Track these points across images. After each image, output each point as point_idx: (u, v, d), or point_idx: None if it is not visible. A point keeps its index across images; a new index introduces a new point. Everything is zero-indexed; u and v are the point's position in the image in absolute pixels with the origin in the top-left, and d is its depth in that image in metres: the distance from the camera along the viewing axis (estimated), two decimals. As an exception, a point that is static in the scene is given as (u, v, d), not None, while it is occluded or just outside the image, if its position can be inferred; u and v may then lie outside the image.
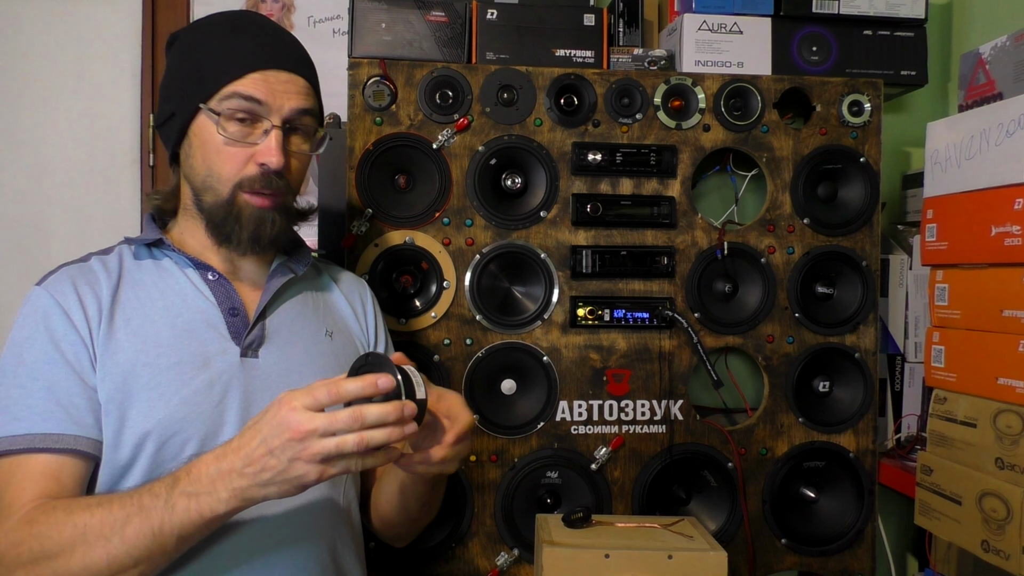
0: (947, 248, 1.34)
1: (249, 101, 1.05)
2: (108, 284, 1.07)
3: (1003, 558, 1.17)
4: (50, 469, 0.98)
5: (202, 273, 1.11)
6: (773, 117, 1.60)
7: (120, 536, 0.91)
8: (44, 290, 1.05)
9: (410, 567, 1.49)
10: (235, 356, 1.08)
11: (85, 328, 1.03)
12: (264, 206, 1.08)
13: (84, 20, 1.75)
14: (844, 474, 1.61)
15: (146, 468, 1.02)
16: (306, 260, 1.19)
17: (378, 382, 0.89)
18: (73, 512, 0.93)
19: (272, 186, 1.07)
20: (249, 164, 1.07)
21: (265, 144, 1.06)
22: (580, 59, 1.56)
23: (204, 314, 1.09)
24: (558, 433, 1.54)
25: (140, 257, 1.12)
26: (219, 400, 1.05)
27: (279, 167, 1.06)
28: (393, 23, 1.52)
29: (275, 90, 1.06)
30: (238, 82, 1.05)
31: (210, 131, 1.06)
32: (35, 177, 1.74)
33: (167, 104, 1.11)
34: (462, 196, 1.52)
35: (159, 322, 1.06)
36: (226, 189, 1.07)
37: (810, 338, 1.61)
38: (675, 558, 1.14)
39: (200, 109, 1.06)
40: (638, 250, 1.56)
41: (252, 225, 1.08)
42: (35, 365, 1.01)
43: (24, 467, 0.98)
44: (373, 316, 1.28)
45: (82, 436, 1.00)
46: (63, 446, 0.99)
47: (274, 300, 1.14)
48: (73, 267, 1.09)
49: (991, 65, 1.47)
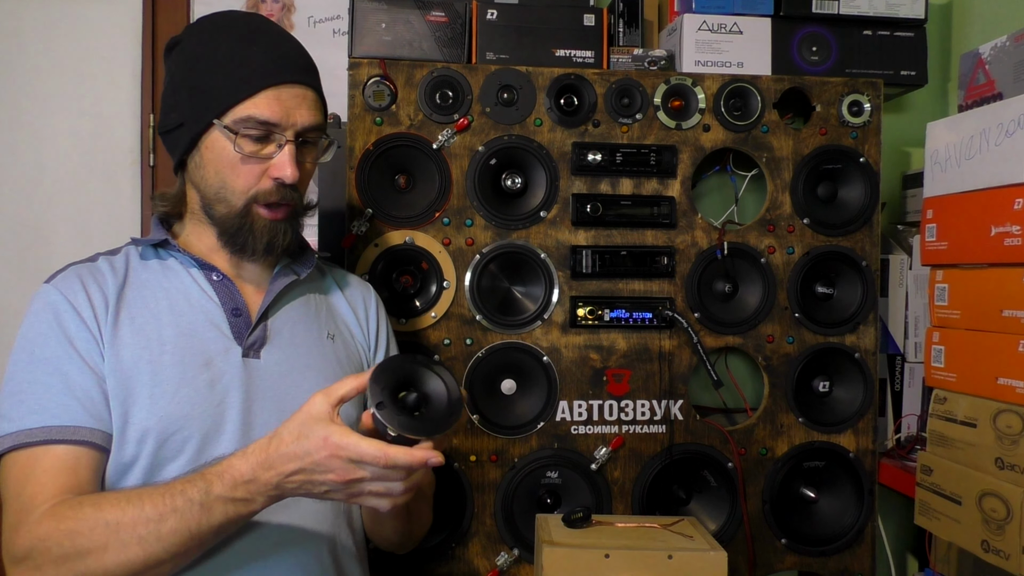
0: (947, 248, 1.34)
1: (264, 124, 1.06)
2: (114, 283, 1.08)
3: (1003, 558, 1.17)
4: (68, 462, 0.99)
5: (206, 273, 1.12)
6: (773, 117, 1.60)
7: (156, 535, 0.93)
8: (54, 287, 1.06)
9: (410, 567, 1.49)
10: (237, 356, 1.09)
11: (94, 323, 1.04)
12: (277, 218, 1.10)
13: (84, 20, 1.75)
14: (844, 474, 1.61)
15: (146, 466, 1.03)
16: (310, 263, 1.19)
17: (429, 460, 0.92)
18: (102, 508, 0.94)
19: (286, 199, 1.09)
20: (263, 178, 1.08)
21: (279, 159, 1.07)
22: (580, 59, 1.56)
23: (207, 314, 1.10)
24: (558, 433, 1.54)
25: (146, 257, 1.13)
26: (220, 400, 1.06)
27: (293, 181, 1.07)
28: (393, 23, 1.52)
29: (288, 106, 1.07)
30: (251, 101, 1.05)
31: (223, 146, 1.06)
32: (35, 177, 1.74)
33: (173, 113, 1.10)
34: (462, 196, 1.52)
35: (163, 321, 1.07)
36: (240, 202, 1.08)
37: (810, 338, 1.61)
38: (675, 558, 1.14)
39: (213, 125, 1.06)
40: (638, 250, 1.56)
41: (266, 236, 1.09)
42: (50, 360, 1.02)
43: (43, 460, 0.98)
44: (376, 320, 1.28)
45: (97, 429, 1.01)
46: (80, 438, 1.00)
47: (276, 301, 1.15)
48: (81, 266, 1.10)
49: (991, 65, 1.47)
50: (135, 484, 1.02)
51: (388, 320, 1.32)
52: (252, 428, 1.08)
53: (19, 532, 0.96)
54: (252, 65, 1.06)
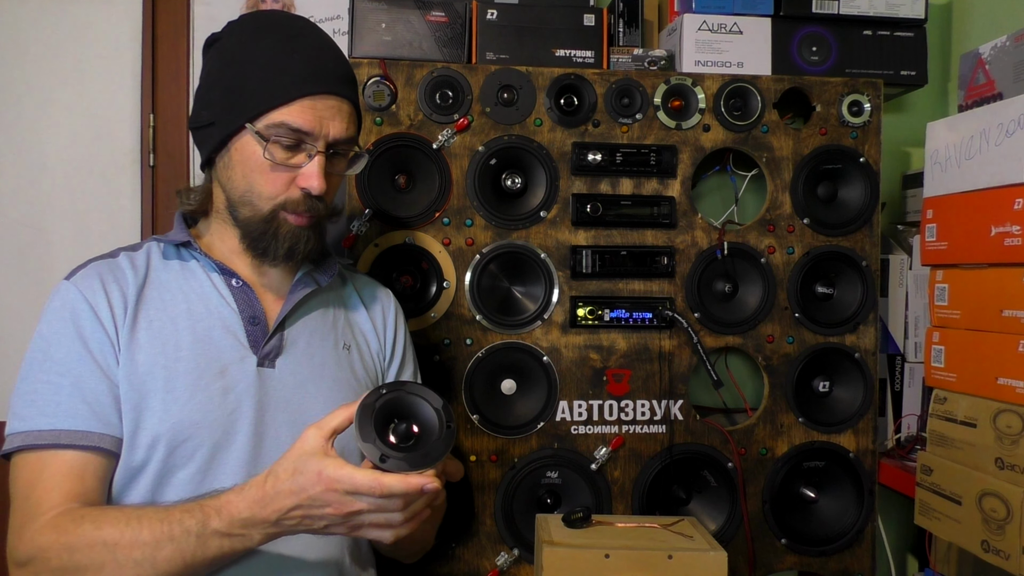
0: (947, 248, 1.34)
1: (296, 132, 1.05)
2: (135, 282, 1.08)
3: (1003, 558, 1.17)
4: (75, 468, 0.99)
5: (227, 279, 1.12)
6: (773, 117, 1.60)
7: (152, 562, 0.94)
8: (73, 285, 1.05)
9: (410, 567, 1.49)
10: (252, 365, 1.08)
11: (111, 325, 1.04)
12: (302, 225, 1.09)
13: (84, 20, 1.75)
14: (844, 474, 1.61)
15: (157, 471, 1.02)
16: (331, 271, 1.18)
17: (424, 487, 0.92)
18: (102, 527, 0.95)
19: (312, 209, 1.08)
20: (292, 187, 1.07)
21: (308, 169, 1.06)
22: (580, 59, 1.56)
23: (225, 321, 1.09)
24: (558, 433, 1.54)
25: (168, 257, 1.12)
26: (233, 408, 1.06)
27: (320, 193, 1.06)
28: (393, 23, 1.52)
29: (322, 117, 1.05)
30: (286, 109, 1.04)
31: (253, 150, 1.05)
32: (35, 177, 1.74)
33: (206, 110, 1.09)
34: (462, 196, 1.52)
35: (180, 326, 1.07)
36: (267, 207, 1.07)
37: (810, 338, 1.61)
38: (675, 558, 1.14)
39: (245, 128, 1.05)
40: (638, 250, 1.56)
41: (289, 242, 1.09)
42: (63, 361, 1.02)
43: (51, 465, 0.99)
44: (394, 329, 1.27)
45: (107, 434, 1.01)
46: (88, 443, 1.00)
47: (295, 311, 1.14)
48: (101, 263, 1.09)
49: (991, 65, 1.47)
50: (144, 490, 1.03)
51: (407, 330, 1.31)
52: (264, 438, 1.07)
53: (22, 537, 0.96)
54: (290, 72, 1.04)
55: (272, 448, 1.07)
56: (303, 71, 1.05)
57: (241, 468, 1.05)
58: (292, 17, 1.13)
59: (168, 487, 1.03)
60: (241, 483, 0.97)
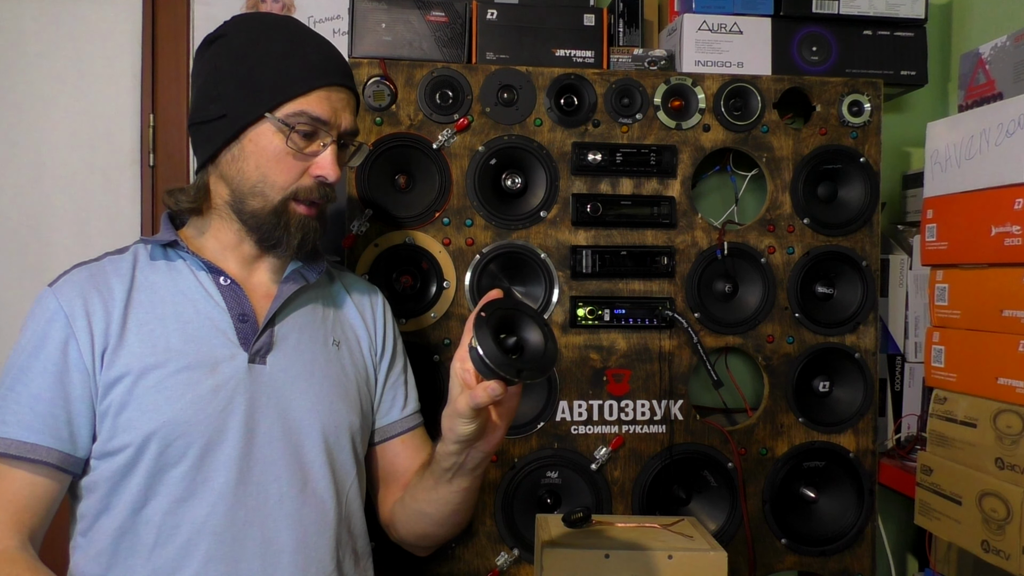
0: (947, 248, 1.34)
1: (315, 121, 1.07)
2: (121, 289, 1.08)
3: (1003, 558, 1.17)
4: (22, 494, 1.01)
5: (214, 277, 1.12)
6: (773, 117, 1.60)
7: None
8: (53, 294, 1.06)
9: (410, 567, 1.49)
10: (243, 362, 1.09)
11: (87, 336, 1.04)
12: (311, 215, 1.11)
13: (84, 20, 1.75)
14: (844, 474, 1.61)
15: (149, 470, 1.03)
16: (319, 268, 1.19)
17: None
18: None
19: (324, 196, 1.11)
20: (305, 176, 1.09)
21: (323, 158, 1.09)
22: (580, 59, 1.56)
23: (214, 319, 1.10)
24: (558, 433, 1.54)
25: (155, 258, 1.13)
26: (224, 406, 1.06)
27: (335, 180, 1.10)
28: (393, 23, 1.52)
29: (336, 108, 1.09)
30: (305, 99, 1.07)
31: (270, 139, 1.07)
32: (35, 177, 1.74)
33: (215, 104, 1.09)
34: (462, 196, 1.52)
35: (169, 326, 1.07)
36: (278, 197, 1.09)
37: (810, 338, 1.61)
38: (675, 558, 1.14)
39: (265, 117, 1.06)
40: (638, 250, 1.56)
41: (300, 233, 1.11)
42: (26, 371, 1.04)
43: (2, 483, 1.02)
44: (383, 324, 1.28)
45: (55, 449, 1.02)
46: (36, 457, 1.01)
47: (284, 307, 1.15)
48: (85, 270, 1.10)
49: (991, 65, 1.47)
50: (137, 488, 1.04)
51: (395, 322, 1.32)
52: (255, 434, 1.08)
53: None
54: (308, 62, 1.08)
55: (264, 444, 1.08)
56: (318, 63, 1.09)
57: (233, 465, 1.06)
58: (295, 21, 1.17)
59: (161, 485, 1.04)
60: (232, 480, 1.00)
